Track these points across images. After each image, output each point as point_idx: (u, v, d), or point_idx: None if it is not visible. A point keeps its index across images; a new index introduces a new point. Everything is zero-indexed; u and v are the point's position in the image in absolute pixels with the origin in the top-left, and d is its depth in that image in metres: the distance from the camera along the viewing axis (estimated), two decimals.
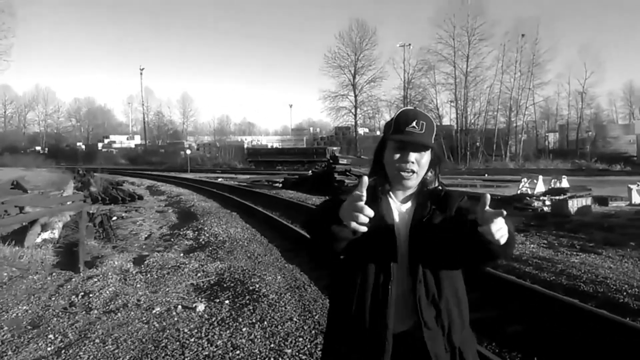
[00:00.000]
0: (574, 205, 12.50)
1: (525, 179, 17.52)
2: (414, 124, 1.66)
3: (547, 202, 13.60)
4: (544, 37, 48.86)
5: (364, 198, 1.46)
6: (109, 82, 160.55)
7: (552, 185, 16.17)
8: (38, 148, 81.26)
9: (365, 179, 1.50)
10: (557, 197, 13.51)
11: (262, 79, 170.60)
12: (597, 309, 4.79)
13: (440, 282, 1.64)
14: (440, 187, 1.78)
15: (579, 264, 6.88)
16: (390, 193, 1.74)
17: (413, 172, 1.66)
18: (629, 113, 66.56)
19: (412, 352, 1.62)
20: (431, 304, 1.62)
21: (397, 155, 1.66)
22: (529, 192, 15.92)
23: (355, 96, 55.51)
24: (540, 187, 16.14)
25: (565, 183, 16.31)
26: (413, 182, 1.70)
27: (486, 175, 31.59)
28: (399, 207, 1.73)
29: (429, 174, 1.75)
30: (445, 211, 1.69)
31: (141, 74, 74.73)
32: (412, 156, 1.65)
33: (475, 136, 49.92)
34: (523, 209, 13.63)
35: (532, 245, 8.63)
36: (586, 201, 12.88)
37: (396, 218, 1.70)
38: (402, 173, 1.66)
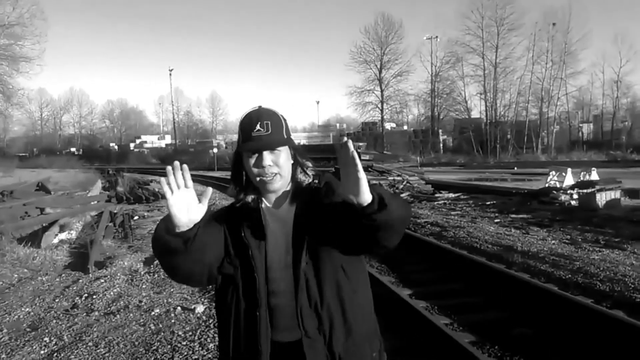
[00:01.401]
0: (602, 198, 12.00)
1: (554, 172, 16.96)
2: (258, 126, 1.58)
3: (575, 196, 13.12)
4: (575, 25, 47.36)
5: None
6: (141, 84, 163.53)
7: (582, 178, 15.60)
8: (73, 149, 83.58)
9: (209, 190, 1.49)
10: (585, 191, 13.01)
11: (290, 75, 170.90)
12: (601, 308, 4.52)
13: (323, 288, 1.57)
14: (315, 182, 1.68)
15: (599, 261, 6.54)
16: (264, 201, 1.68)
17: (275, 174, 1.60)
18: None
19: None
20: (313, 312, 1.57)
21: (253, 162, 1.60)
22: (557, 186, 15.41)
23: (382, 91, 55.06)
24: (569, 180, 15.58)
25: (594, 175, 15.69)
26: (279, 184, 1.63)
27: (515, 168, 30.86)
28: (274, 213, 1.66)
29: (298, 171, 1.68)
30: (323, 205, 1.59)
31: (170, 74, 75.77)
32: (268, 159, 1.59)
33: (506, 128, 48.85)
34: (549, 203, 13.18)
35: (553, 242, 8.29)
36: (615, 194, 12.34)
37: (269, 230, 1.64)
38: (264, 178, 1.60)
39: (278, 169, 1.60)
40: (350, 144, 1.39)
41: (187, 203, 1.44)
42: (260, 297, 1.57)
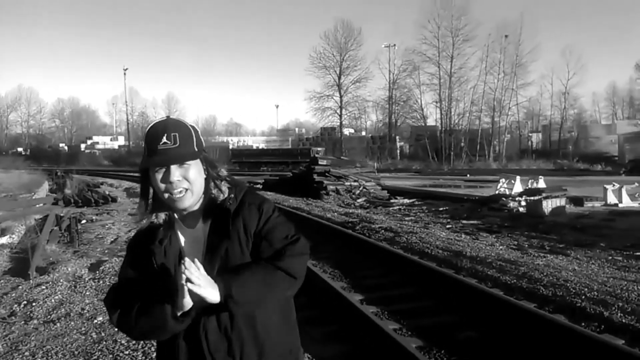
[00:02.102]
0: (548, 205, 12.43)
1: (504, 180, 17.52)
2: (164, 139, 1.47)
3: (523, 203, 13.55)
4: (526, 38, 49.15)
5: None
6: (93, 83, 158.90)
7: (530, 186, 16.15)
8: (20, 149, 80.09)
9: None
10: (532, 198, 13.45)
11: (249, 79, 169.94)
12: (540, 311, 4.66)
13: (234, 314, 1.49)
14: (232, 196, 1.58)
15: (543, 267, 6.76)
16: (177, 220, 1.58)
17: (184, 189, 1.50)
18: (612, 113, 67.18)
19: None
20: (223, 336, 1.50)
21: (160, 177, 1.49)
22: (507, 193, 15.89)
23: (341, 97, 55.43)
24: (518, 188, 16.12)
25: (542, 183, 16.31)
26: (190, 201, 1.52)
27: (468, 175, 31.63)
28: (187, 232, 1.58)
29: (210, 185, 1.57)
30: (239, 230, 1.53)
31: (125, 74, 74.06)
32: (176, 174, 1.48)
33: (460, 136, 50.03)
34: (499, 210, 13.57)
35: (500, 247, 8.51)
36: (561, 201, 12.82)
37: (187, 249, 1.56)
38: (172, 195, 1.49)
39: (188, 184, 1.49)
40: (186, 265, 1.35)
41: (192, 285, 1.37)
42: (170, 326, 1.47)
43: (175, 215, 1.59)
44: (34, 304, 5.61)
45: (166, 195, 1.50)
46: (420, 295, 5.90)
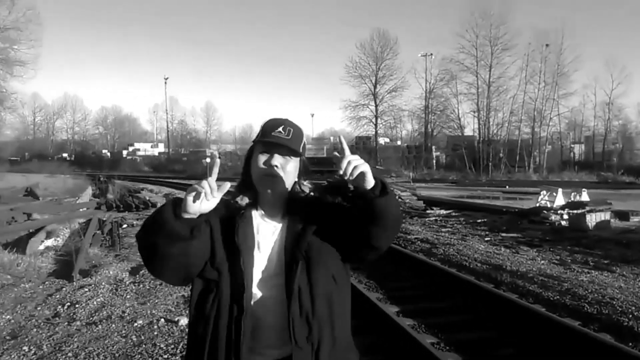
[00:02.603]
0: (592, 219, 12.02)
1: (545, 192, 17.03)
2: (280, 129, 1.62)
3: (565, 216, 13.15)
4: (568, 47, 47.79)
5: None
6: (136, 91, 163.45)
7: (572, 199, 15.66)
8: (65, 155, 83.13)
9: (226, 185, 1.48)
10: (575, 211, 13.04)
11: (285, 88, 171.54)
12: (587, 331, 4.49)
13: (315, 299, 1.56)
14: (311, 194, 1.70)
15: (587, 283, 6.53)
16: (259, 208, 1.67)
17: (277, 175, 1.60)
18: None
19: None
20: (304, 322, 1.54)
21: (263, 159, 1.61)
22: (548, 206, 15.45)
23: (376, 106, 55.29)
24: (560, 201, 15.63)
25: (585, 196, 15.76)
26: (278, 188, 1.62)
27: (507, 187, 30.93)
28: (267, 222, 1.66)
29: (297, 186, 1.68)
30: (319, 221, 1.61)
31: (165, 83, 75.82)
32: (277, 159, 1.60)
33: (498, 147, 49.07)
34: (540, 223, 13.21)
35: (542, 262, 8.27)
36: (605, 215, 12.37)
37: (261, 236, 1.62)
38: (267, 177, 1.60)
39: (283, 173, 1.60)
40: (342, 139, 1.52)
41: (203, 192, 1.42)
42: (246, 305, 1.51)
43: (258, 204, 1.67)
44: (77, 305, 5.77)
45: (261, 176, 1.60)
46: (459, 309, 5.78)
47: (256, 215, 1.66)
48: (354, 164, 1.45)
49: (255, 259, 1.58)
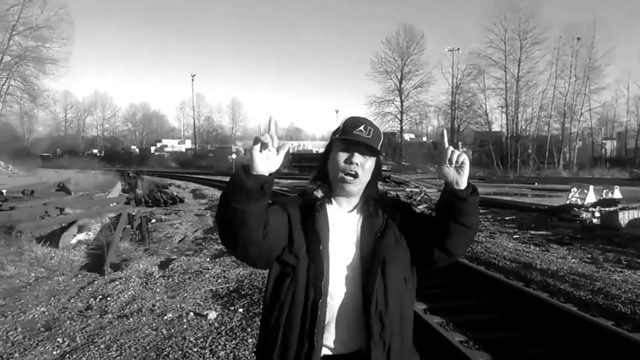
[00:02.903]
0: (624, 217, 11.70)
1: (575, 189, 16.68)
2: (361, 127, 1.64)
3: (597, 214, 12.84)
4: (600, 40, 46.64)
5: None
6: (163, 88, 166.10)
7: (604, 196, 15.29)
8: (95, 151, 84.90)
9: (287, 144, 1.53)
10: (607, 209, 12.73)
11: (310, 84, 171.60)
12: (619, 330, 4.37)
13: (388, 297, 1.60)
14: (386, 193, 1.78)
15: (621, 282, 6.37)
16: (334, 202, 1.70)
17: (356, 175, 1.63)
18: None
19: None
20: (378, 320, 1.58)
21: (342, 157, 1.64)
22: (578, 203, 15.13)
23: (402, 101, 54.99)
24: (591, 198, 15.28)
25: (617, 194, 15.38)
26: (355, 187, 1.65)
27: (536, 184, 30.38)
28: (343, 216, 1.69)
29: (372, 185, 1.72)
30: (394, 220, 1.67)
31: (193, 80, 76.77)
32: (357, 158, 1.62)
33: (527, 143, 48.25)
34: (570, 221, 12.93)
35: (573, 260, 8.10)
36: (638, 213, 12.03)
37: (335, 231, 1.65)
38: (345, 175, 1.63)
39: (362, 172, 1.63)
40: (445, 133, 1.60)
41: (267, 152, 1.49)
42: (324, 290, 1.56)
43: (334, 200, 1.70)
44: (108, 298, 5.89)
45: (340, 174, 1.63)
46: (487, 308, 5.70)
47: (330, 208, 1.69)
48: (459, 153, 1.53)
49: (330, 250, 1.61)
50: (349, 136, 1.63)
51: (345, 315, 1.59)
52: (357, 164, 1.62)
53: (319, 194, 1.69)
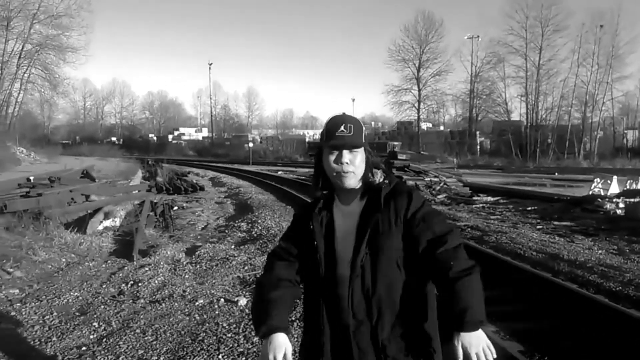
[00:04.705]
0: None
1: (598, 179, 16.45)
2: (342, 128, 1.78)
3: (621, 205, 12.66)
4: (624, 28, 45.70)
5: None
6: (180, 77, 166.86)
7: (628, 187, 15.06)
8: (114, 139, 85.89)
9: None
10: (632, 200, 12.55)
11: (326, 73, 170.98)
12: None
13: (377, 279, 1.72)
14: (386, 182, 1.84)
15: None
16: (336, 198, 1.87)
17: (350, 172, 1.77)
18: None
19: (347, 345, 1.74)
20: (363, 299, 1.72)
21: (333, 158, 1.79)
22: (602, 193, 14.93)
23: (419, 90, 54.45)
24: (615, 188, 15.08)
25: None
26: (352, 181, 1.79)
27: (556, 174, 30.03)
28: (344, 209, 1.84)
29: (371, 175, 1.84)
30: (390, 207, 1.77)
31: (210, 68, 76.87)
32: (346, 157, 1.77)
33: (547, 132, 47.58)
34: (593, 211, 12.78)
35: (600, 252, 8.02)
36: None
37: (339, 224, 1.82)
38: (340, 174, 1.77)
39: (354, 167, 1.77)
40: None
41: None
42: (321, 285, 1.78)
43: (335, 195, 1.87)
44: (139, 284, 6.00)
45: (335, 173, 1.79)
46: (516, 299, 5.68)
47: (335, 204, 1.87)
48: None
49: (335, 244, 1.80)
50: (333, 139, 1.77)
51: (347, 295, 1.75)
52: (347, 162, 1.77)
53: (323, 194, 1.89)
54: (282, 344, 1.70)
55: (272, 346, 1.70)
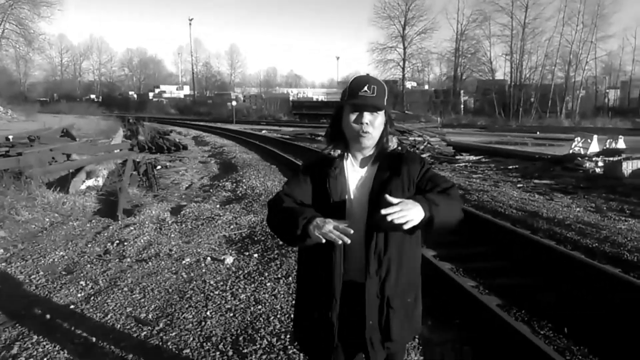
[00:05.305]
0: (628, 167, 11.77)
1: (579, 138, 16.67)
2: (365, 88, 1.80)
3: (600, 163, 12.91)
4: None
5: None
6: (160, 34, 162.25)
7: (607, 146, 15.31)
8: (93, 96, 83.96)
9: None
10: (611, 159, 12.78)
11: (310, 30, 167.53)
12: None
13: (388, 241, 1.84)
14: (399, 148, 1.91)
15: (626, 231, 6.50)
16: (350, 157, 1.90)
17: (368, 132, 1.81)
18: None
19: (360, 299, 1.86)
20: (376, 258, 1.83)
21: (353, 118, 1.82)
22: (582, 152, 15.18)
23: (405, 48, 53.93)
24: (595, 147, 15.32)
25: (621, 144, 15.38)
26: (369, 142, 1.85)
27: (538, 133, 30.31)
28: (358, 170, 1.90)
29: (385, 137, 1.89)
30: (403, 173, 1.84)
31: (190, 24, 74.89)
32: (366, 117, 1.81)
33: (530, 92, 47.70)
34: (573, 170, 13.02)
35: (578, 209, 8.23)
36: None
37: (352, 183, 1.87)
38: (359, 134, 1.81)
39: (372, 129, 1.82)
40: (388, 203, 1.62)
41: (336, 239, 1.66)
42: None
43: (350, 155, 1.91)
44: (125, 243, 6.02)
45: (353, 133, 1.83)
46: (496, 255, 5.84)
47: (347, 164, 1.90)
48: (404, 220, 1.58)
49: (347, 203, 1.84)
50: (356, 99, 1.79)
51: (356, 252, 1.84)
52: (367, 123, 1.80)
53: (335, 153, 1.89)
54: (330, 219, 1.69)
55: (324, 220, 1.67)
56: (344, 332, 1.89)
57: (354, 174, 1.89)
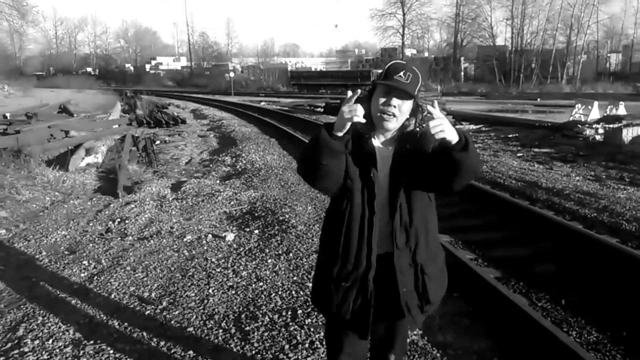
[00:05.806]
0: (628, 134, 11.73)
1: (580, 105, 16.54)
2: (401, 74, 1.86)
3: (600, 131, 12.86)
4: None
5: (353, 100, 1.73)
6: (154, 6, 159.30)
7: (608, 112, 15.20)
8: (89, 69, 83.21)
9: (350, 94, 1.75)
10: (611, 126, 12.72)
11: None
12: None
13: (412, 213, 1.97)
14: (417, 129, 1.97)
15: (625, 200, 6.53)
16: (375, 137, 1.98)
17: (394, 115, 1.88)
18: None
19: (389, 268, 1.98)
20: (403, 230, 1.97)
21: (383, 99, 1.88)
22: (582, 119, 15.09)
23: (404, 14, 53.07)
24: (595, 114, 15.21)
25: (622, 110, 15.28)
26: (392, 125, 1.91)
27: (538, 99, 30.11)
28: (380, 148, 1.97)
29: (408, 122, 1.95)
30: (420, 149, 1.92)
31: None
32: (395, 101, 1.87)
33: (531, 57, 47.16)
34: (573, 137, 12.98)
35: (577, 178, 8.25)
36: None
37: (378, 159, 1.94)
38: (384, 115, 1.88)
39: (399, 113, 1.89)
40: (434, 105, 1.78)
41: (357, 113, 1.73)
42: (376, 208, 1.92)
43: (376, 133, 1.97)
44: (126, 221, 6.05)
45: (379, 114, 1.90)
46: (494, 227, 5.87)
47: (374, 142, 1.98)
48: (441, 129, 1.70)
49: (374, 179, 1.93)
50: (389, 81, 1.86)
51: (383, 227, 1.96)
52: (394, 106, 1.87)
53: (366, 129, 1.95)
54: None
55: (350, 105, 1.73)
56: (377, 298, 1.99)
57: (379, 151, 1.96)
